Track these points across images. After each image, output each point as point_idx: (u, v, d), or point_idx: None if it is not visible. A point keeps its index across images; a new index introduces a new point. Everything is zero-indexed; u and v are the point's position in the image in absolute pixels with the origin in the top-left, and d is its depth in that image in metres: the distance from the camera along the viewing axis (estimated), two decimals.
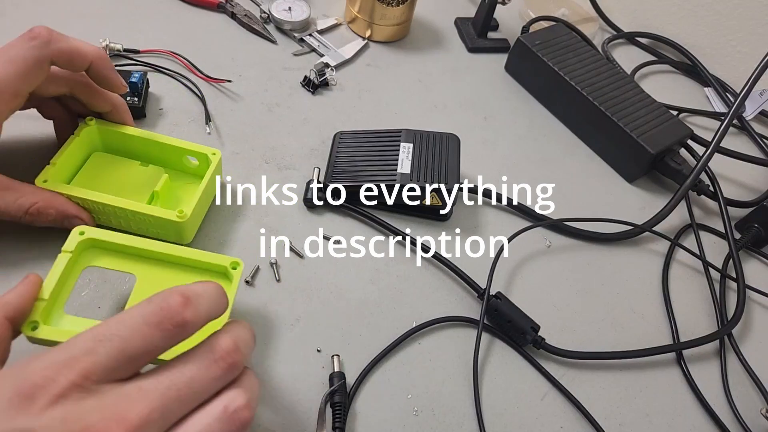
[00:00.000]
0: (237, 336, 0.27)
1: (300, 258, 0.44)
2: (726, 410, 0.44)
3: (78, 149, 0.42)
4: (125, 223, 0.41)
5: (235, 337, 0.26)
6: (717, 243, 0.56)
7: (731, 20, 0.73)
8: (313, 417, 0.36)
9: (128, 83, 0.47)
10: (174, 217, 0.39)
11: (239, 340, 0.26)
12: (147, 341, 0.23)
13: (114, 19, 0.57)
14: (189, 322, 0.25)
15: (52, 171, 0.39)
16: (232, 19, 0.62)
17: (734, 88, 0.74)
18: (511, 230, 0.48)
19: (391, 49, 0.65)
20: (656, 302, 0.49)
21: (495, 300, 0.43)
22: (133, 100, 0.48)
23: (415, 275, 0.46)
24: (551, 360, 0.43)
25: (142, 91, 0.49)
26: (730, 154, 0.61)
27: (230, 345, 0.26)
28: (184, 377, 0.24)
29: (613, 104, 0.58)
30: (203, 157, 0.43)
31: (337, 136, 0.51)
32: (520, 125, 0.61)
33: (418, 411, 0.38)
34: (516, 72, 0.66)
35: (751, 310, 0.51)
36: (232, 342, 0.26)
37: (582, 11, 0.77)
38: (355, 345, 0.41)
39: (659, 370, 0.45)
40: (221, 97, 0.54)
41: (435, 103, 0.61)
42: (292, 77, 0.58)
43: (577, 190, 0.56)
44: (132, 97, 0.48)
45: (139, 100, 0.48)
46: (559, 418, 0.40)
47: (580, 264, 0.50)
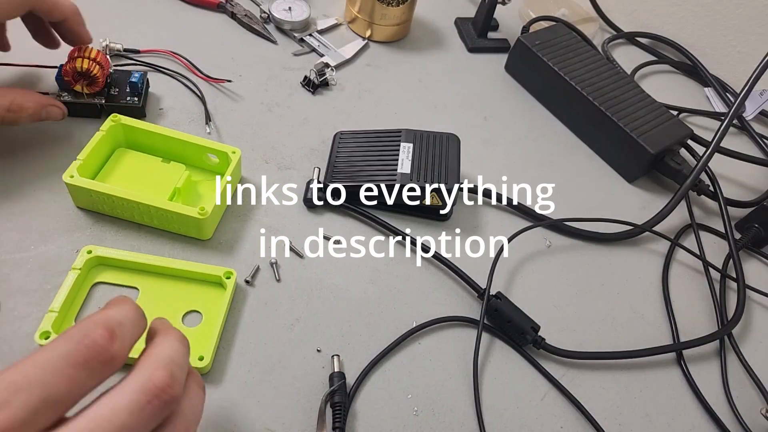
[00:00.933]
0: (171, 361, 0.24)
1: (300, 258, 0.44)
2: (726, 410, 0.44)
3: (103, 145, 0.43)
4: (147, 218, 0.42)
5: (169, 364, 0.23)
6: (717, 243, 0.56)
7: (731, 20, 0.73)
8: (313, 417, 0.36)
9: (128, 83, 0.48)
10: (195, 213, 0.40)
11: (174, 366, 0.24)
12: (73, 384, 0.21)
13: (114, 19, 0.57)
14: (117, 356, 0.22)
15: (79, 166, 0.41)
16: (232, 19, 0.62)
17: (734, 88, 0.74)
18: (511, 230, 0.48)
19: (391, 49, 0.65)
20: (656, 302, 0.49)
21: (495, 300, 0.43)
22: (133, 100, 0.48)
23: (415, 275, 0.46)
24: (551, 360, 0.43)
25: (142, 91, 0.49)
26: (730, 154, 0.61)
27: (164, 379, 0.23)
28: (113, 427, 0.21)
29: (613, 104, 0.58)
30: (223, 155, 0.45)
31: (337, 136, 0.51)
32: (520, 125, 0.61)
33: (418, 411, 0.38)
34: (516, 72, 0.66)
35: (751, 310, 0.51)
36: (167, 374, 0.23)
37: (582, 11, 0.77)
38: (355, 345, 0.41)
39: (659, 370, 0.45)
40: (221, 97, 0.54)
41: (435, 103, 0.61)
42: (292, 77, 0.58)
43: (577, 190, 0.56)
44: (132, 96, 0.48)
45: (139, 100, 0.48)
46: (559, 418, 0.40)
47: (580, 264, 0.50)
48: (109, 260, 0.39)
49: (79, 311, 0.38)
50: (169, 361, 0.24)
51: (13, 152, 0.44)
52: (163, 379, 0.23)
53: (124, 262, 0.39)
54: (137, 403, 0.22)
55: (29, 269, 0.39)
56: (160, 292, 0.39)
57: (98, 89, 0.46)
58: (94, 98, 0.47)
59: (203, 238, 0.43)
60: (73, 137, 0.47)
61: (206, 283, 0.40)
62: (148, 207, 0.40)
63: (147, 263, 0.39)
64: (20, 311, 0.37)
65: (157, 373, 0.23)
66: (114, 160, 0.45)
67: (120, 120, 0.44)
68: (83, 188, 0.40)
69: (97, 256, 0.39)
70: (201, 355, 0.36)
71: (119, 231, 0.42)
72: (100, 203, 0.41)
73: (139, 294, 0.39)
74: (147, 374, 0.23)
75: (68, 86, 0.46)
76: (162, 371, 0.23)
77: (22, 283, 0.38)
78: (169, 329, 0.27)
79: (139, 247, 0.42)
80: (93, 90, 0.46)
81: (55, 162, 0.44)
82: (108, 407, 0.21)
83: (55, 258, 0.40)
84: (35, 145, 0.45)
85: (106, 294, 0.39)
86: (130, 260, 0.39)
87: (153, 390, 0.22)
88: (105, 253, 0.39)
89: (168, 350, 0.24)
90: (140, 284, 0.39)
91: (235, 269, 0.40)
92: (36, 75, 0.49)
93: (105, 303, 0.38)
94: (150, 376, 0.22)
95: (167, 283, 0.40)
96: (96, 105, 0.47)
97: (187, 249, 0.42)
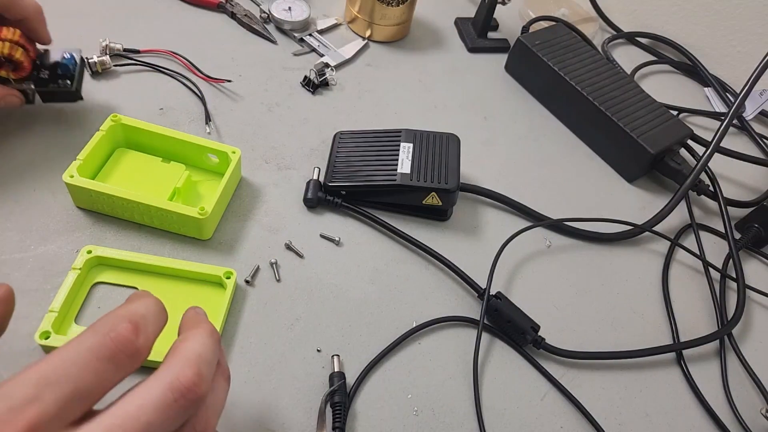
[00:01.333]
0: (199, 358, 0.23)
1: (300, 258, 0.44)
2: (726, 410, 0.44)
3: (103, 145, 0.43)
4: (148, 218, 0.42)
5: (197, 362, 0.23)
6: (717, 243, 0.56)
7: (731, 20, 0.73)
8: (313, 417, 0.36)
9: (59, 65, 0.44)
10: (195, 213, 0.40)
11: (202, 364, 0.23)
12: (100, 377, 0.21)
13: (114, 19, 0.57)
14: (142, 349, 0.22)
15: (79, 166, 0.41)
16: (232, 19, 0.62)
17: (734, 88, 0.74)
18: (511, 230, 0.48)
19: (391, 49, 0.65)
20: (656, 302, 0.49)
21: (495, 300, 0.43)
22: (65, 83, 0.44)
23: (415, 275, 0.46)
24: (551, 360, 0.43)
25: (74, 73, 0.45)
26: (730, 154, 0.61)
27: (192, 378, 0.22)
28: (139, 424, 0.21)
29: (613, 104, 0.58)
30: (223, 155, 0.45)
31: (337, 136, 0.51)
32: (520, 125, 0.61)
33: (418, 411, 0.38)
34: (516, 72, 0.66)
35: (751, 310, 0.51)
36: (195, 372, 0.23)
37: (582, 11, 0.77)
38: (355, 345, 0.41)
39: (659, 370, 0.45)
40: (221, 97, 0.54)
41: (435, 103, 0.61)
42: (292, 77, 0.58)
43: (577, 190, 0.56)
44: (64, 80, 0.44)
45: (72, 82, 0.44)
46: (559, 418, 0.40)
47: (580, 264, 0.50)
48: (109, 260, 0.39)
49: (79, 311, 0.38)
50: (197, 359, 0.23)
51: (13, 152, 0.45)
52: (191, 378, 0.22)
53: (124, 262, 0.40)
54: (164, 401, 0.21)
55: (29, 269, 0.39)
56: (160, 292, 0.39)
57: (25, 74, 0.42)
58: (22, 84, 0.43)
59: (203, 238, 0.43)
60: (74, 137, 0.46)
61: (206, 283, 0.40)
62: (148, 207, 0.40)
63: (147, 263, 0.39)
64: (20, 311, 0.37)
65: (184, 371, 0.22)
66: (114, 160, 0.45)
67: (120, 120, 0.44)
68: (83, 188, 0.40)
69: (97, 256, 0.39)
70: None
71: (119, 231, 0.42)
72: (100, 203, 0.41)
73: None
74: (175, 372, 0.22)
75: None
76: (190, 369, 0.23)
77: (22, 282, 0.38)
78: (200, 323, 0.26)
79: (139, 247, 0.42)
80: (19, 75, 0.42)
81: (55, 162, 0.44)
82: (135, 404, 0.21)
83: (55, 258, 0.40)
84: (35, 145, 0.45)
85: (106, 294, 0.39)
86: (130, 260, 0.39)
87: (180, 389, 0.22)
88: (105, 253, 0.39)
89: (197, 346, 0.24)
90: (140, 284, 0.39)
91: (235, 269, 0.40)
92: None
93: (107, 304, 0.38)
94: (178, 374, 0.22)
95: (167, 284, 0.40)
96: (25, 91, 0.43)
97: (187, 249, 0.43)
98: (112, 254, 0.39)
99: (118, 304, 0.38)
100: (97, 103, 0.50)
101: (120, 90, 0.51)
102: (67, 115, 0.48)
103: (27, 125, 0.46)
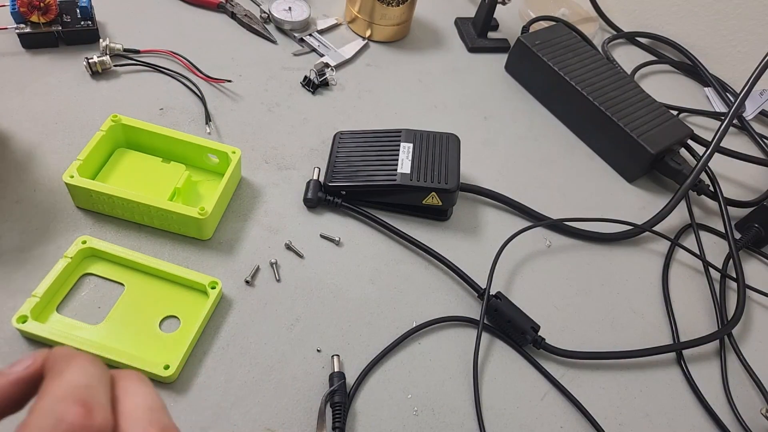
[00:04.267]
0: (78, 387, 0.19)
1: (300, 258, 0.44)
2: (726, 410, 0.44)
3: (103, 145, 0.44)
4: (147, 218, 0.42)
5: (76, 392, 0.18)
6: (717, 243, 0.56)
7: (731, 20, 0.73)
8: (313, 417, 0.36)
9: (78, 8, 0.52)
10: (195, 214, 0.40)
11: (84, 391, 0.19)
12: None
13: (114, 19, 0.57)
14: (104, 426, 0.18)
15: (79, 166, 0.41)
16: (232, 19, 0.62)
17: (734, 88, 0.74)
18: (511, 230, 0.48)
19: (391, 49, 0.65)
20: (656, 302, 0.49)
21: (495, 300, 0.43)
22: (87, 24, 0.52)
23: (415, 275, 0.46)
24: (551, 360, 0.43)
25: (92, 15, 0.53)
26: (730, 154, 0.61)
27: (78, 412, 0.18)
28: None
29: (613, 104, 0.58)
30: (223, 156, 0.45)
31: (337, 136, 0.51)
32: (520, 125, 0.61)
33: (418, 411, 0.38)
34: (516, 72, 0.66)
35: (751, 310, 0.51)
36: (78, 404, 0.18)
37: (582, 11, 0.77)
38: (355, 345, 0.41)
39: (659, 370, 0.45)
40: (221, 97, 0.54)
41: (435, 103, 0.61)
42: (292, 77, 0.58)
43: (577, 190, 0.56)
44: (85, 21, 0.52)
45: (92, 23, 0.52)
46: (559, 418, 0.40)
47: (580, 264, 0.50)
48: (102, 253, 0.40)
49: (63, 299, 0.38)
50: (76, 388, 0.19)
51: (13, 152, 0.44)
52: (77, 413, 0.18)
53: (115, 257, 0.40)
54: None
55: (29, 269, 0.39)
56: (145, 291, 0.39)
57: (53, 17, 0.50)
58: (51, 26, 0.50)
59: (203, 238, 0.43)
60: (74, 137, 0.47)
61: (191, 289, 0.40)
62: (148, 207, 0.40)
63: (137, 261, 0.39)
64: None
65: (67, 410, 0.18)
66: (114, 160, 0.45)
67: (120, 120, 0.44)
68: (83, 188, 0.40)
69: (90, 248, 0.39)
70: (167, 363, 0.35)
71: (119, 231, 0.42)
72: (100, 203, 0.41)
73: (124, 290, 0.39)
74: (54, 416, 0.17)
75: (24, 18, 0.48)
76: (71, 404, 0.18)
77: (22, 282, 0.38)
78: (69, 357, 0.20)
79: (139, 247, 0.42)
80: (48, 18, 0.49)
81: (55, 162, 0.44)
82: None
83: (54, 258, 0.40)
84: (35, 145, 0.45)
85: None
86: (121, 256, 0.39)
87: (70, 429, 0.17)
88: (99, 246, 0.39)
89: (71, 377, 0.19)
90: (127, 281, 0.39)
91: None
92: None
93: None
94: (59, 417, 0.17)
95: (153, 284, 0.40)
96: (53, 33, 0.51)
97: (187, 249, 0.43)
98: (105, 247, 0.39)
99: (104, 298, 0.38)
100: (98, 103, 0.50)
101: (120, 90, 0.51)
102: (67, 115, 0.48)
103: (27, 125, 0.46)
